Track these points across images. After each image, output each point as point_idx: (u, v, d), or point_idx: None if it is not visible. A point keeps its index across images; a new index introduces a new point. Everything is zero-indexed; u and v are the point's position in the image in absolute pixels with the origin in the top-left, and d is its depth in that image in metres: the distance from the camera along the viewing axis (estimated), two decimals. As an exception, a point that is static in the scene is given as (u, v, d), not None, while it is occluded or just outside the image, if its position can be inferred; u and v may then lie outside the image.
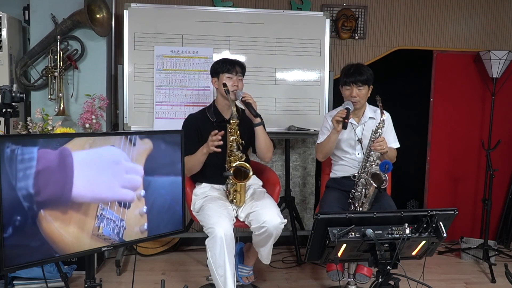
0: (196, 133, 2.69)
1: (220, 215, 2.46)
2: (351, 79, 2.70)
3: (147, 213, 1.95)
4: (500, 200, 3.97)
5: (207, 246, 2.43)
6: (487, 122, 3.78)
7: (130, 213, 1.88)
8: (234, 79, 2.65)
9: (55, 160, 1.63)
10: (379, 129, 2.63)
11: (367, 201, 2.61)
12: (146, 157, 1.93)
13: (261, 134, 2.66)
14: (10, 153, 1.53)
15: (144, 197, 1.93)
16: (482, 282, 3.18)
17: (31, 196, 1.57)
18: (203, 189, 2.73)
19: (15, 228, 1.55)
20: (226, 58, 2.79)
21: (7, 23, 3.11)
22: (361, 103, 2.75)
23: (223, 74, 2.65)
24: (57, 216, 1.64)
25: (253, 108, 2.55)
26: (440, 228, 1.95)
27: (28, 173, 1.56)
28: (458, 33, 3.89)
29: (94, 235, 1.76)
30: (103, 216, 1.77)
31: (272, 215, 2.46)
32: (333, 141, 2.73)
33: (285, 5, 3.66)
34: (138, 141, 1.91)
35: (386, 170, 2.50)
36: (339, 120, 2.61)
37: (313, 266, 3.35)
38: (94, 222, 1.75)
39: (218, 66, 2.69)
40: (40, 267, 2.42)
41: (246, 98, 2.58)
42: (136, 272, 3.02)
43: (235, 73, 2.66)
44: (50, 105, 3.23)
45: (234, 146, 2.57)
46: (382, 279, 1.92)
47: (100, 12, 3.23)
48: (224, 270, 2.38)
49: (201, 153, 2.57)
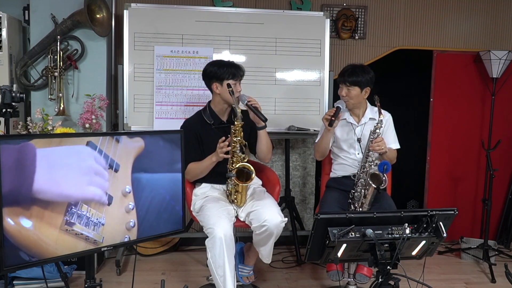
0: (196, 138, 2.67)
1: (219, 216, 2.46)
2: (342, 79, 2.74)
3: (137, 212, 1.93)
4: (500, 200, 3.97)
5: (207, 246, 2.43)
6: (487, 122, 3.78)
7: (110, 210, 1.84)
8: (238, 84, 2.64)
9: (15, 156, 1.59)
10: (378, 129, 2.64)
11: (366, 201, 2.61)
12: (135, 155, 1.92)
13: (264, 136, 2.67)
14: None
15: (133, 194, 1.91)
16: (482, 282, 3.18)
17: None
18: (203, 189, 2.72)
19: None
20: (222, 61, 2.70)
21: (7, 23, 3.11)
22: (352, 103, 2.75)
23: (227, 80, 2.60)
24: (19, 212, 1.60)
25: (260, 112, 2.56)
26: (440, 228, 1.95)
27: None
28: (458, 33, 3.89)
29: (62, 230, 1.71)
30: (73, 212, 1.73)
31: (272, 214, 2.46)
32: (326, 140, 2.76)
33: (285, 5, 3.66)
34: (125, 139, 1.89)
35: (384, 171, 2.50)
36: (327, 118, 2.67)
37: (313, 266, 3.35)
38: (63, 217, 1.71)
39: (220, 71, 2.61)
40: (40, 267, 2.42)
41: (252, 103, 2.58)
42: (136, 272, 3.02)
43: (240, 78, 2.65)
44: (50, 105, 3.23)
45: (238, 147, 2.55)
46: (382, 279, 1.92)
47: (100, 12, 3.23)
48: (224, 271, 2.38)
49: (210, 162, 2.58)
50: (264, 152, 2.71)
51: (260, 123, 2.62)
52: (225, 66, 2.63)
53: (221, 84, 2.61)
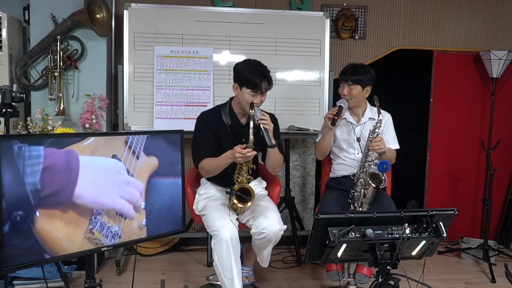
0: (211, 131, 2.54)
1: (225, 218, 2.44)
2: (343, 77, 2.74)
3: (146, 225, 1.97)
4: (500, 200, 3.97)
5: (213, 248, 2.40)
6: (487, 122, 3.78)
7: (126, 223, 1.89)
8: (258, 98, 2.43)
9: (62, 159, 1.65)
10: (377, 129, 2.64)
11: (366, 201, 2.61)
12: (149, 174, 1.95)
13: (273, 154, 2.53)
14: (18, 149, 1.55)
15: (144, 209, 1.95)
16: (482, 282, 3.18)
17: (37, 191, 1.60)
18: (207, 189, 2.69)
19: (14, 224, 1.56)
20: (254, 65, 2.46)
21: (7, 23, 3.11)
22: (353, 102, 2.76)
23: (246, 88, 2.42)
24: (56, 214, 1.65)
25: (269, 135, 2.37)
26: (440, 228, 1.95)
27: (35, 169, 1.59)
28: (458, 33, 3.89)
29: (86, 238, 1.76)
30: (97, 220, 1.77)
31: (272, 222, 2.44)
32: (327, 139, 2.76)
33: (285, 5, 3.66)
34: (143, 156, 1.91)
35: (384, 170, 2.50)
36: (330, 117, 2.67)
37: (313, 266, 3.35)
38: (88, 225, 1.76)
39: (242, 75, 2.42)
40: (40, 267, 2.42)
41: (264, 123, 2.36)
42: (136, 272, 3.01)
43: (260, 92, 2.42)
44: (50, 105, 3.23)
45: (244, 168, 2.49)
46: (382, 279, 1.92)
47: (100, 12, 3.23)
48: (231, 273, 2.36)
49: (225, 162, 2.42)
50: (272, 166, 2.62)
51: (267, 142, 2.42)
52: (251, 72, 2.41)
53: (240, 87, 2.46)
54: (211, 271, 3.00)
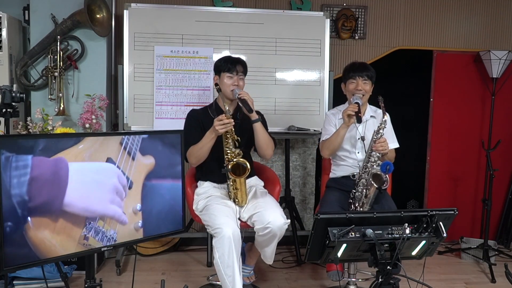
0: (199, 125, 2.69)
1: (226, 215, 2.45)
2: (357, 73, 2.74)
3: (142, 226, 1.96)
4: (500, 200, 3.97)
5: (214, 246, 2.39)
6: (487, 122, 3.78)
7: (122, 227, 1.88)
8: (234, 79, 2.65)
9: (50, 169, 1.63)
10: (381, 130, 2.62)
11: (367, 201, 2.60)
12: (146, 174, 1.93)
13: (259, 130, 2.64)
14: (5, 160, 1.52)
15: (141, 211, 1.93)
16: (482, 282, 3.18)
17: (25, 202, 1.57)
18: (205, 189, 2.70)
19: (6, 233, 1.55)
20: (229, 56, 2.77)
21: (7, 23, 3.11)
22: (365, 97, 2.76)
23: (224, 73, 2.65)
24: (47, 223, 1.64)
25: (247, 103, 2.54)
26: (440, 228, 1.95)
27: (22, 180, 1.56)
28: (458, 33, 3.89)
29: (80, 244, 1.75)
30: (92, 226, 1.76)
31: (276, 215, 2.45)
32: (341, 136, 2.71)
33: (285, 5, 3.66)
34: (138, 156, 1.90)
35: (387, 171, 2.50)
36: (351, 114, 2.60)
37: (313, 266, 3.35)
38: (82, 231, 1.74)
39: (220, 64, 2.68)
40: (40, 267, 2.42)
41: (242, 95, 2.57)
42: (136, 272, 3.02)
43: (236, 72, 2.65)
44: (50, 105, 3.23)
45: (230, 143, 2.54)
46: (382, 279, 1.92)
47: (100, 12, 3.23)
48: (233, 271, 2.36)
49: (209, 138, 2.54)
50: (262, 147, 2.68)
51: (252, 116, 2.60)
52: (225, 60, 2.69)
53: (219, 76, 2.68)
54: (211, 271, 3.00)
